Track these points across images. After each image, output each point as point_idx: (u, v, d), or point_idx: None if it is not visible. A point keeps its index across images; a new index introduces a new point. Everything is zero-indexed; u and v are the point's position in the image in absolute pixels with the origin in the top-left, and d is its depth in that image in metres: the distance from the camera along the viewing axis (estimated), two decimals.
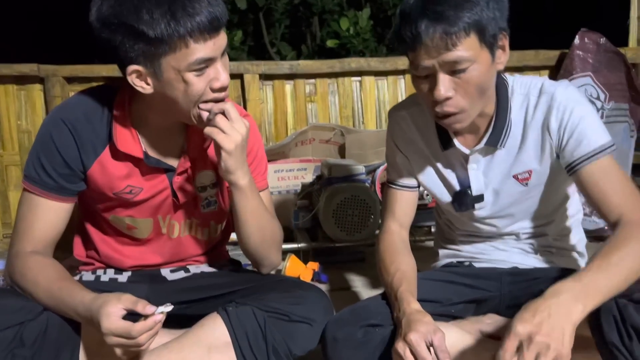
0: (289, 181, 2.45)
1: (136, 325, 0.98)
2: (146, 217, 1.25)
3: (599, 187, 1.07)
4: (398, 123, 1.27)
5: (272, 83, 2.50)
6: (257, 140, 1.31)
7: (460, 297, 1.23)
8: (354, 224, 2.06)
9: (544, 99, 1.12)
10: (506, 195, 1.20)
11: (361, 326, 1.11)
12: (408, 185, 1.29)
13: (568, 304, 0.88)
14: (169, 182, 1.22)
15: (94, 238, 1.31)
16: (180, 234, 1.30)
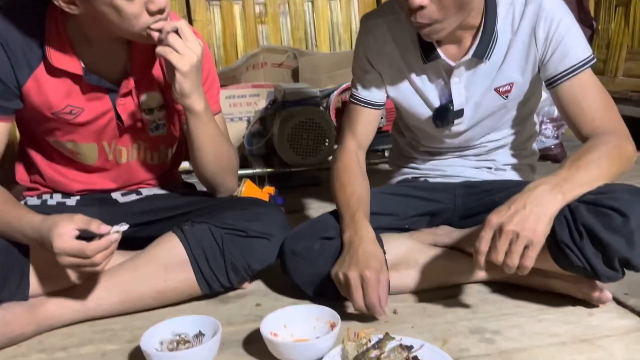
0: (242, 107, 2.38)
1: (91, 244, 0.95)
2: (89, 142, 1.19)
3: (578, 102, 1.07)
4: (372, 32, 1.20)
5: (219, 3, 2.37)
6: (209, 61, 1.24)
7: (415, 210, 1.25)
8: (308, 148, 2.05)
9: (531, 8, 1.08)
10: (484, 109, 1.18)
11: (318, 239, 1.11)
12: (374, 102, 1.24)
13: (545, 194, 0.90)
14: (112, 104, 1.15)
15: (37, 162, 1.24)
16: (129, 158, 1.25)
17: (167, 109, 1.23)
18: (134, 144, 1.23)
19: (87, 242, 0.95)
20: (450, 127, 1.21)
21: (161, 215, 1.24)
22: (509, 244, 0.88)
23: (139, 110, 1.18)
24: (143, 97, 1.18)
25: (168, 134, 1.25)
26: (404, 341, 0.88)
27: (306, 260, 1.10)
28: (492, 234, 0.89)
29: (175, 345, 0.92)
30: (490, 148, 1.27)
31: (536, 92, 1.21)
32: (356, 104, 1.26)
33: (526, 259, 0.88)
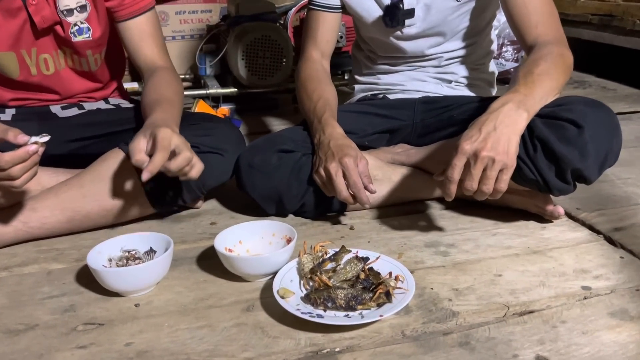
0: (193, 24, 2.24)
1: (4, 154, 0.85)
2: (5, 50, 1.09)
3: (523, 5, 1.05)
4: None
5: None
6: None
7: (374, 128, 1.23)
8: (265, 67, 1.96)
9: None
10: (437, 11, 1.16)
11: (275, 151, 1.09)
12: (331, 5, 1.23)
13: (512, 113, 0.88)
14: (24, 4, 1.05)
15: None
16: (57, 67, 1.15)
17: (88, 9, 1.12)
18: (57, 50, 1.14)
19: (3, 153, 0.86)
20: (401, 29, 1.19)
21: (106, 130, 1.17)
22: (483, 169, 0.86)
23: (53, 10, 1.08)
24: None
25: (94, 37, 1.15)
26: (360, 253, 0.87)
27: (263, 173, 1.07)
28: (465, 160, 0.86)
29: (125, 262, 0.88)
30: (446, 60, 1.25)
31: (490, 4, 1.19)
32: (314, 9, 1.25)
33: (501, 183, 0.87)
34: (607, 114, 0.97)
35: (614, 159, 0.97)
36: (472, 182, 0.87)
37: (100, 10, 1.14)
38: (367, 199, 0.99)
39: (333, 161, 0.99)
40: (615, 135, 0.95)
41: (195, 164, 0.94)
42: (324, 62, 1.26)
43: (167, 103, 1.06)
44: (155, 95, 1.09)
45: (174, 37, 2.21)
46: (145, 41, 1.19)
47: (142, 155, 0.89)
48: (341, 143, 1.02)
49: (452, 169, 0.87)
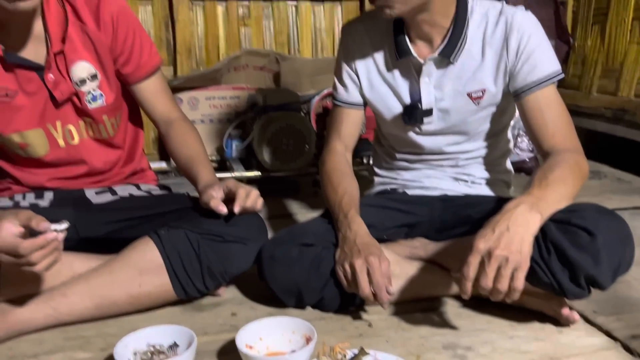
0: (221, 109, 2.36)
1: (25, 241, 0.91)
2: (34, 127, 1.19)
3: (540, 115, 1.12)
4: (351, 35, 1.27)
5: (202, 4, 2.35)
6: (131, 17, 1.23)
7: (393, 222, 1.27)
8: (288, 154, 2.05)
9: (503, 19, 1.14)
10: (456, 112, 1.22)
11: (296, 245, 1.13)
12: (354, 102, 1.30)
13: (525, 214, 0.92)
14: (43, 83, 1.16)
15: (3, 166, 1.25)
16: (81, 137, 1.25)
17: (99, 77, 1.22)
18: (79, 120, 1.23)
19: (23, 240, 0.91)
20: (420, 126, 1.25)
21: (137, 216, 1.23)
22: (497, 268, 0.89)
23: (69, 83, 1.18)
24: (71, 70, 1.18)
25: (107, 102, 1.24)
26: (378, 356, 0.89)
27: (283, 266, 1.11)
28: (480, 259, 0.90)
29: (150, 356, 0.91)
30: (464, 160, 1.30)
31: (509, 107, 1.25)
32: (338, 105, 1.32)
33: (516, 281, 0.89)
34: (619, 223, 1.00)
35: (626, 267, 0.99)
36: (486, 280, 0.89)
37: (110, 76, 1.23)
38: (387, 300, 1.01)
39: (359, 258, 1.03)
40: (627, 244, 0.98)
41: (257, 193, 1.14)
42: (347, 155, 1.32)
43: (203, 158, 1.25)
44: (187, 151, 1.26)
45: (202, 120, 2.33)
46: (158, 98, 1.30)
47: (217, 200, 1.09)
48: (367, 241, 1.07)
49: (467, 267, 0.91)
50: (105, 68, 1.21)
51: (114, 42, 1.20)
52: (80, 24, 1.17)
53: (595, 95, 2.53)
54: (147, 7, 2.31)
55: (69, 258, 1.16)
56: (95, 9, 1.17)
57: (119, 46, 1.21)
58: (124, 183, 1.37)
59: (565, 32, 2.56)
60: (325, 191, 1.24)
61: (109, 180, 1.34)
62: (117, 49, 1.21)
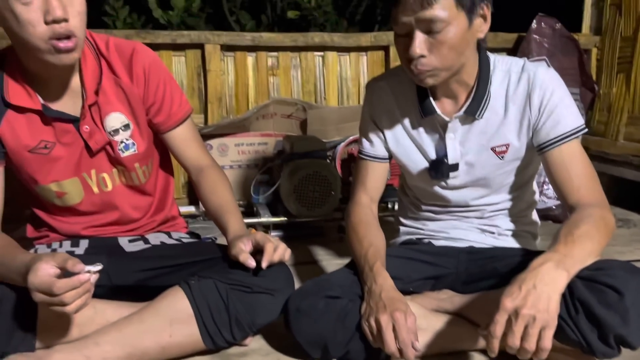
0: (250, 155, 2.43)
1: (59, 281, 0.95)
2: (70, 177, 1.25)
3: (565, 170, 1.13)
4: (376, 92, 1.30)
5: (233, 54, 2.45)
6: (162, 69, 1.30)
7: (420, 274, 1.28)
8: (314, 200, 2.08)
9: (526, 76, 1.16)
10: (481, 167, 1.23)
11: (322, 297, 1.14)
12: (379, 156, 1.32)
13: (551, 272, 0.92)
14: (79, 133, 1.22)
15: (40, 215, 1.32)
16: (114, 184, 1.30)
17: (132, 127, 1.28)
18: (112, 168, 1.29)
19: (58, 279, 0.96)
20: (446, 180, 1.26)
21: (168, 263, 1.27)
22: (525, 327, 0.89)
23: (103, 133, 1.24)
24: (105, 120, 1.24)
25: (139, 151, 1.29)
26: None
27: (310, 318, 1.12)
28: (507, 317, 0.90)
29: None
30: (490, 212, 1.31)
31: (533, 160, 1.26)
32: (364, 158, 1.34)
33: (544, 341, 0.89)
34: None
35: None
36: (514, 339, 0.89)
37: (142, 125, 1.29)
38: (413, 356, 1.01)
39: (385, 313, 1.03)
40: None
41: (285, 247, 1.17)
42: (372, 207, 1.33)
43: (232, 207, 1.29)
44: (217, 199, 1.30)
45: (231, 166, 2.40)
46: (189, 144, 1.35)
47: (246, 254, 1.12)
48: (392, 296, 1.08)
49: (494, 326, 0.91)
50: (137, 118, 1.28)
51: (146, 93, 1.27)
52: (114, 77, 1.24)
53: (622, 143, 2.51)
54: (180, 58, 2.42)
55: (102, 306, 1.20)
56: (128, 62, 1.24)
57: (150, 97, 1.27)
58: (156, 231, 1.42)
59: (590, 80, 2.58)
60: (351, 243, 1.26)
61: (141, 228, 1.39)
62: (149, 99, 1.27)
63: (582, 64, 2.55)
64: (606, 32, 2.63)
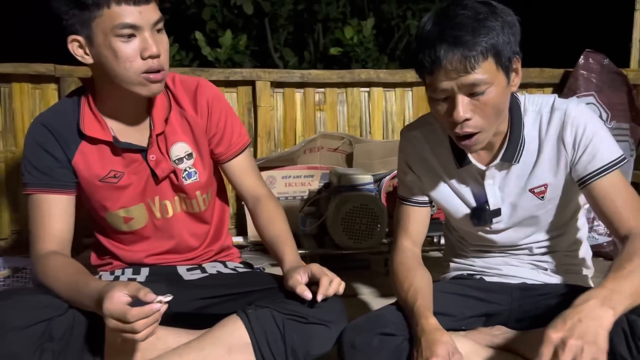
0: (296, 187, 2.48)
1: (133, 309, 1.00)
2: (137, 203, 1.32)
3: (610, 201, 1.12)
4: (410, 142, 1.30)
5: (282, 91, 2.54)
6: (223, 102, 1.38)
7: (472, 311, 1.27)
8: (361, 232, 2.10)
9: (557, 115, 1.16)
10: (522, 209, 1.23)
11: (377, 334, 1.13)
12: (420, 201, 1.32)
13: (597, 309, 0.91)
14: (146, 162, 1.29)
15: (104, 244, 1.38)
16: (175, 211, 1.36)
17: (194, 156, 1.34)
18: (174, 196, 1.35)
19: (131, 307, 1.01)
20: (490, 226, 1.26)
21: (225, 292, 1.30)
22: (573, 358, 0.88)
23: (169, 162, 1.31)
24: (171, 150, 1.31)
25: (201, 179, 1.35)
26: None
27: (365, 355, 1.12)
28: (553, 349, 0.89)
29: None
30: (537, 249, 1.30)
31: (574, 196, 1.25)
32: (404, 204, 1.34)
33: None
34: None
35: None
36: None
37: (204, 155, 1.35)
38: None
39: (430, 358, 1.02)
40: None
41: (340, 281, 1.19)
42: (415, 250, 1.31)
43: (287, 238, 1.33)
44: (273, 229, 1.35)
45: (279, 197, 2.46)
46: (246, 174, 1.41)
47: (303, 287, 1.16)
48: (431, 338, 1.05)
49: (539, 358, 0.89)
50: (200, 148, 1.35)
51: (209, 124, 1.34)
52: (180, 109, 1.32)
53: None
54: (232, 94, 2.53)
55: (163, 332, 1.23)
56: (193, 96, 1.33)
57: (213, 127, 1.35)
58: (212, 260, 1.47)
59: (639, 114, 2.54)
60: (394, 288, 1.25)
61: (199, 258, 1.44)
62: (212, 130, 1.35)
63: (631, 99, 2.52)
64: None
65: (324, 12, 3.79)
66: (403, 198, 1.34)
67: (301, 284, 1.16)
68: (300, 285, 1.16)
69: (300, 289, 1.15)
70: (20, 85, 2.35)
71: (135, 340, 1.03)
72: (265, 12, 3.66)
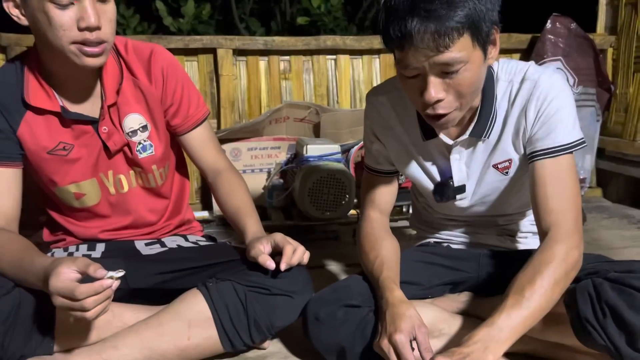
0: (262, 159, 2.42)
1: (81, 286, 0.94)
2: (88, 178, 1.25)
3: (543, 186, 1.05)
4: (376, 108, 1.21)
5: (245, 59, 2.45)
6: (180, 71, 1.30)
7: (440, 279, 1.25)
8: (329, 203, 2.07)
9: (526, 85, 1.08)
10: (486, 185, 1.19)
11: (341, 306, 1.11)
12: (387, 170, 1.27)
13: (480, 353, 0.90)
14: (97, 134, 1.22)
15: (57, 219, 1.31)
16: (130, 186, 1.30)
17: (149, 128, 1.28)
18: (129, 170, 1.29)
19: (79, 284, 0.94)
20: (453, 202, 1.22)
21: (185, 266, 1.26)
22: None
23: (122, 134, 1.24)
24: (123, 121, 1.24)
25: (157, 153, 1.29)
26: None
27: (329, 327, 1.10)
28: None
29: None
30: (502, 221, 1.28)
31: None
32: (370, 173, 1.29)
33: None
34: None
35: None
36: None
37: (160, 127, 1.29)
38: None
39: (384, 337, 0.99)
40: None
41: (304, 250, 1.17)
42: (382, 219, 1.26)
43: (250, 210, 1.29)
44: (235, 201, 1.30)
45: (244, 170, 2.39)
46: (206, 147, 1.35)
47: (265, 256, 1.12)
48: (396, 312, 1.01)
49: None
50: (155, 119, 1.28)
51: (164, 95, 1.27)
52: (133, 78, 1.24)
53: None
54: (193, 63, 2.43)
55: (120, 309, 1.19)
56: (147, 64, 1.25)
57: (168, 98, 1.27)
58: (172, 234, 1.41)
59: (606, 80, 2.55)
60: (361, 260, 1.22)
61: (158, 232, 1.38)
62: (167, 100, 1.28)
63: (597, 64, 2.52)
64: (622, 31, 2.60)
65: None
66: (370, 167, 1.28)
67: (263, 254, 1.12)
68: (262, 255, 1.12)
69: (262, 259, 1.11)
70: None
71: (86, 319, 0.97)
72: None
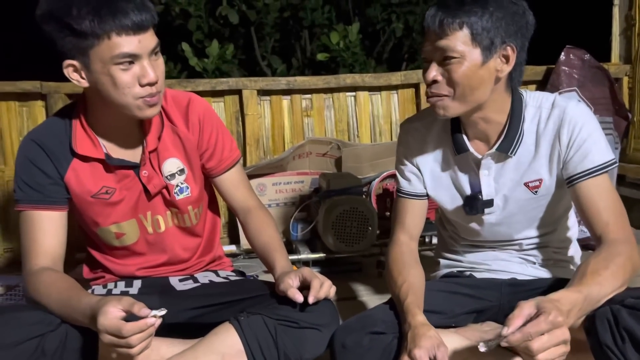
0: (287, 194, 2.50)
1: (127, 324, 1.01)
2: (129, 218, 1.33)
3: (592, 202, 1.15)
4: (410, 133, 1.34)
5: (269, 98, 2.55)
6: (215, 118, 1.39)
7: (462, 308, 1.28)
8: (352, 235, 2.12)
9: (556, 112, 1.19)
10: (515, 202, 1.26)
11: (367, 333, 1.15)
12: (417, 194, 1.35)
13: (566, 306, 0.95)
14: (138, 178, 1.31)
15: (97, 257, 1.39)
16: (167, 225, 1.37)
17: (186, 171, 1.36)
18: (166, 211, 1.36)
19: (126, 322, 1.02)
20: (481, 217, 1.28)
21: (217, 301, 1.31)
22: None
23: (161, 178, 1.33)
24: (163, 166, 1.33)
25: (192, 194, 1.37)
26: None
27: (355, 354, 1.13)
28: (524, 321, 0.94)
29: None
30: (527, 245, 1.32)
31: (564, 196, 1.27)
32: (402, 197, 1.37)
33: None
34: None
35: None
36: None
37: (195, 170, 1.37)
38: None
39: (405, 355, 1.05)
40: None
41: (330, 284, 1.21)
42: (411, 244, 1.34)
43: (278, 245, 1.35)
44: (264, 238, 1.37)
45: (269, 204, 2.47)
46: (237, 188, 1.43)
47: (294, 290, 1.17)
48: (417, 333, 1.07)
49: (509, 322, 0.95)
50: (192, 163, 1.36)
51: (200, 140, 1.36)
52: (172, 125, 1.34)
53: None
54: (219, 104, 2.54)
55: (156, 343, 1.23)
56: (185, 112, 1.34)
57: (204, 143, 1.36)
58: (204, 270, 1.48)
59: (622, 108, 2.58)
60: (388, 283, 1.28)
61: (191, 268, 1.45)
62: (203, 146, 1.37)
63: (613, 92, 2.56)
64: (636, 60, 2.64)
65: (310, 18, 3.80)
66: (401, 191, 1.37)
67: (292, 287, 1.18)
68: (291, 288, 1.17)
69: (291, 292, 1.16)
70: (7, 103, 2.35)
71: (131, 355, 1.04)
72: (251, 21, 3.68)
